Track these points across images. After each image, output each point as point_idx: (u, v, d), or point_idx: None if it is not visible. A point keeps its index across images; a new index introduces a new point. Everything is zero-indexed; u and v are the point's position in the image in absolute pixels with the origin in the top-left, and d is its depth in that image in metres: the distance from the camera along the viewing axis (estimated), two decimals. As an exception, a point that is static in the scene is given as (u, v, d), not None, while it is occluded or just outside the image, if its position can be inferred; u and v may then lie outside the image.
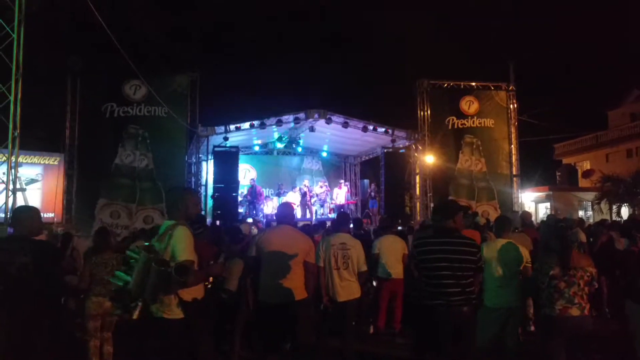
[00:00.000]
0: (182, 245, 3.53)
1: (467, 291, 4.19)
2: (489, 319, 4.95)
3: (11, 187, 5.72)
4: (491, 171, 17.67)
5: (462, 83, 17.96)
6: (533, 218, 18.25)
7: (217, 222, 13.75)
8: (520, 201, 18.47)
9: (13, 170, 5.78)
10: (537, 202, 24.12)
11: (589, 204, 22.66)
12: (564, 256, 4.63)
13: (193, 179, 16.08)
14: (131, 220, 14.72)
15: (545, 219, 10.33)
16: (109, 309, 5.61)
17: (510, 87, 18.19)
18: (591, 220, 19.61)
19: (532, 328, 7.01)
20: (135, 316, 3.35)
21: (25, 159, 14.10)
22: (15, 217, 4.52)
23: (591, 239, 8.82)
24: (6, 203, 5.64)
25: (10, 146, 5.76)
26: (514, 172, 18.08)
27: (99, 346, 5.66)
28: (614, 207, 21.28)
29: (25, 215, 4.50)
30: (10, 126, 5.81)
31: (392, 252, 7.40)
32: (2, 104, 5.74)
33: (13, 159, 5.76)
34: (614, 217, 19.75)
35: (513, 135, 18.09)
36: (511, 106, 18.14)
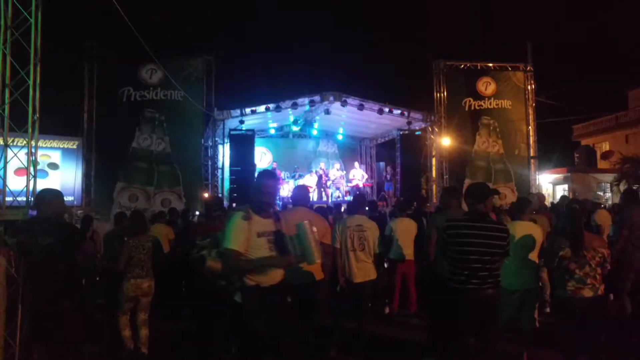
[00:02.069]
0: (227, 232, 3.59)
1: (495, 274, 4.21)
2: (505, 301, 4.94)
3: (32, 170, 5.79)
4: (508, 153, 17.53)
5: (478, 64, 17.76)
6: (551, 200, 18.20)
7: (234, 205, 13.84)
8: (537, 183, 18.32)
9: (34, 154, 5.85)
10: (555, 184, 23.89)
11: (608, 185, 22.39)
12: (574, 238, 4.60)
13: (210, 163, 16.19)
14: (149, 203, 14.87)
15: (559, 200, 10.21)
16: (146, 289, 5.77)
17: (528, 68, 17.94)
18: (610, 202, 19.39)
19: (548, 310, 7.00)
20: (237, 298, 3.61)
21: (45, 143, 14.28)
22: (39, 199, 4.59)
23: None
24: (27, 186, 5.72)
25: (30, 130, 5.82)
26: (532, 154, 17.90)
27: (129, 320, 5.80)
28: (634, 188, 20.99)
29: (50, 197, 4.57)
30: (30, 110, 5.87)
31: (406, 234, 7.46)
32: (21, 88, 5.80)
33: (33, 142, 5.83)
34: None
35: (531, 117, 17.89)
36: (529, 87, 17.91)
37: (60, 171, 14.90)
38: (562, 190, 23.28)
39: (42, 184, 5.93)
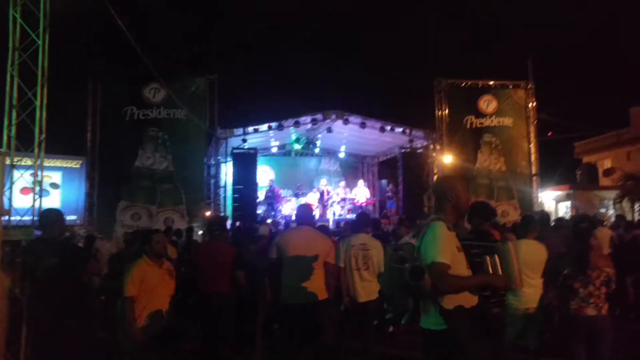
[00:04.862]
0: (431, 243, 3.01)
1: (500, 293, 4.20)
2: (510, 320, 4.94)
3: (37, 190, 5.84)
4: (510, 170, 17.52)
5: (480, 82, 17.84)
6: (553, 217, 18.17)
7: (237, 223, 13.84)
8: (540, 200, 18.30)
9: (40, 174, 5.90)
10: (558, 201, 23.85)
11: (610, 202, 22.35)
12: (581, 257, 4.61)
13: (212, 181, 16.20)
14: (151, 221, 14.83)
15: (565, 217, 10.22)
16: None
17: (529, 85, 18.02)
18: (612, 219, 19.34)
19: (555, 327, 6.96)
20: (403, 321, 3.11)
21: (49, 162, 14.32)
22: (44, 219, 4.62)
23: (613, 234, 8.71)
24: (33, 206, 5.76)
25: (36, 150, 5.88)
26: (534, 171, 17.90)
27: None
28: (636, 205, 20.95)
29: (54, 217, 4.61)
30: (37, 131, 5.93)
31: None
32: (28, 109, 5.88)
33: (39, 162, 5.89)
34: (636, 216, 19.46)
35: (532, 134, 17.92)
36: (530, 104, 17.97)
37: (61, 190, 14.93)
38: (564, 207, 23.25)
39: (44, 203, 5.97)
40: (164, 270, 4.84)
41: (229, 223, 13.65)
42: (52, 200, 13.98)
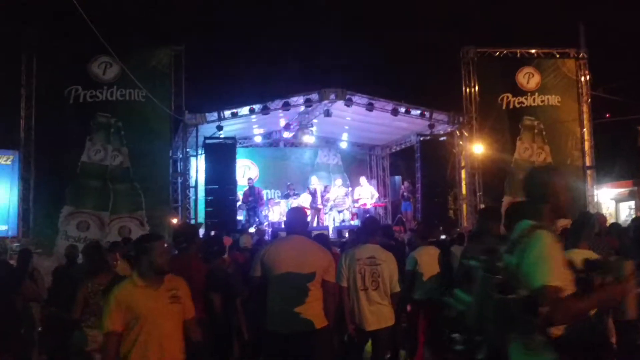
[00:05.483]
0: (539, 262, 2.80)
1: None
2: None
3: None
4: (558, 162, 17.42)
5: (518, 51, 17.87)
6: (613, 220, 18.20)
7: (212, 233, 13.82)
8: (596, 200, 18.33)
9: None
10: (618, 200, 23.84)
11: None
12: None
13: (180, 180, 16.19)
14: (103, 232, 14.84)
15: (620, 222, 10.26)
16: None
17: (581, 54, 18.06)
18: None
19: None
20: (480, 357, 2.90)
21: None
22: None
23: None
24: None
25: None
26: (587, 163, 17.94)
27: None
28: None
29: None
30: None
31: (434, 268, 7.35)
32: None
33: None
34: None
35: (585, 116, 18.00)
36: (582, 79, 18.03)
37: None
38: (627, 208, 23.26)
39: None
40: (163, 292, 4.23)
41: (201, 232, 13.63)
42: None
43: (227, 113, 16.16)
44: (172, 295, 4.26)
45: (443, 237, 12.45)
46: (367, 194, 18.25)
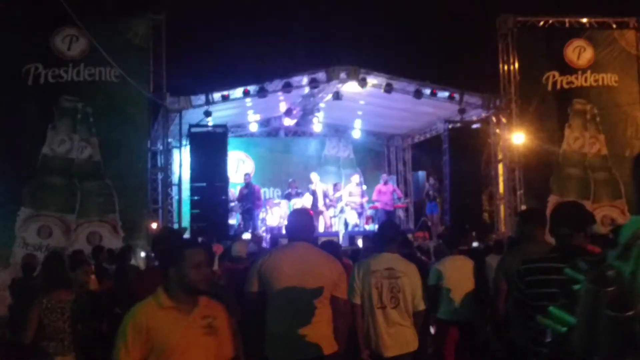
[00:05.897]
0: None
1: None
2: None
3: None
4: (615, 154, 17.47)
5: (567, 20, 17.85)
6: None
7: (200, 240, 13.73)
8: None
9: None
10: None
11: None
12: None
13: (160, 176, 16.22)
14: (68, 238, 14.79)
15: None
16: None
17: (643, 25, 17.94)
18: None
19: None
20: None
21: None
22: None
23: None
24: None
25: None
26: (652, 155, 17.74)
27: None
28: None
29: None
30: None
31: (464, 282, 7.49)
32: None
33: None
34: None
35: (647, 99, 17.86)
36: (644, 53, 17.94)
37: None
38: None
39: None
40: (196, 319, 3.82)
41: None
42: None
43: (217, 96, 16.21)
44: (208, 324, 3.85)
45: (475, 244, 12.37)
46: (388, 194, 18.06)
